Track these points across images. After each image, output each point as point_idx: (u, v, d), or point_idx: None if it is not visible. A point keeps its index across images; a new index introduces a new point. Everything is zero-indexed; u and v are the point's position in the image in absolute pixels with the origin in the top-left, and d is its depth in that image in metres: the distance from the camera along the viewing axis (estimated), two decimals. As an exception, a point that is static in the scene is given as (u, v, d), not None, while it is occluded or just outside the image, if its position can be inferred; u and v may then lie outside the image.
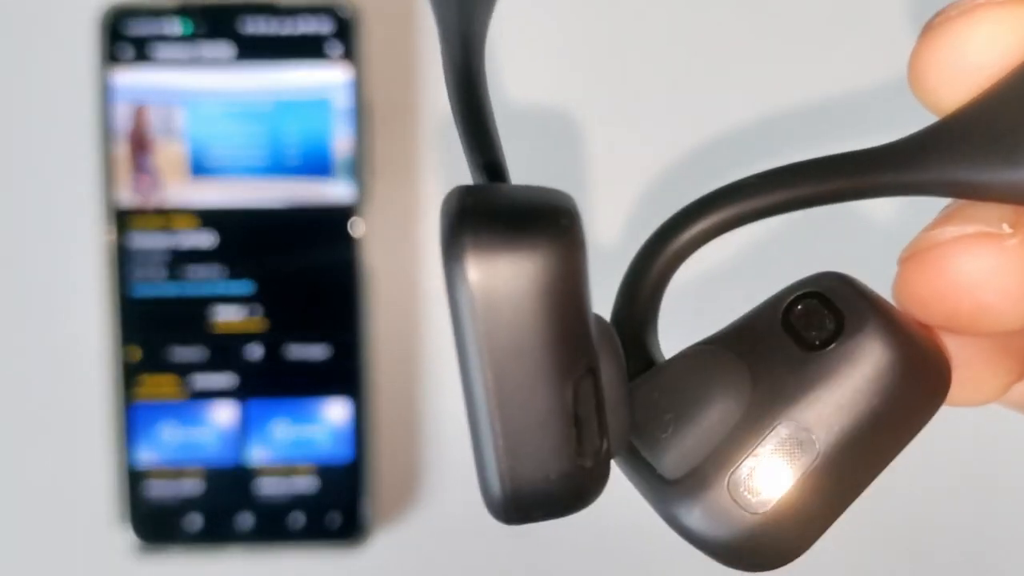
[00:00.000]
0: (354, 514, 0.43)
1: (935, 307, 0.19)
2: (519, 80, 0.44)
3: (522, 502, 0.18)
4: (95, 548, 0.44)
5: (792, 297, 0.20)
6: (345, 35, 0.43)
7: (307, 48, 0.43)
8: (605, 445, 0.18)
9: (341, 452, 0.43)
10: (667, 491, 0.20)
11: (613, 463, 0.20)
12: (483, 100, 0.20)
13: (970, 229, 0.19)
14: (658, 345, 0.21)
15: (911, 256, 0.20)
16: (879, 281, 0.20)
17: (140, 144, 0.42)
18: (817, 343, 0.20)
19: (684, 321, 0.22)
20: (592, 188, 0.44)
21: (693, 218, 0.21)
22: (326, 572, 0.45)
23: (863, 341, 0.19)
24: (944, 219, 0.20)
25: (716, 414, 0.19)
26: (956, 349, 0.20)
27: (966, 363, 0.21)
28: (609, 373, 0.19)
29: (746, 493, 0.19)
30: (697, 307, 0.33)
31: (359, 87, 0.43)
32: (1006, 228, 0.19)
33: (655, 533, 0.22)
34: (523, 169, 0.20)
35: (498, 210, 0.17)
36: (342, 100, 0.43)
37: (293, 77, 0.42)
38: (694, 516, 0.19)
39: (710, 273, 0.42)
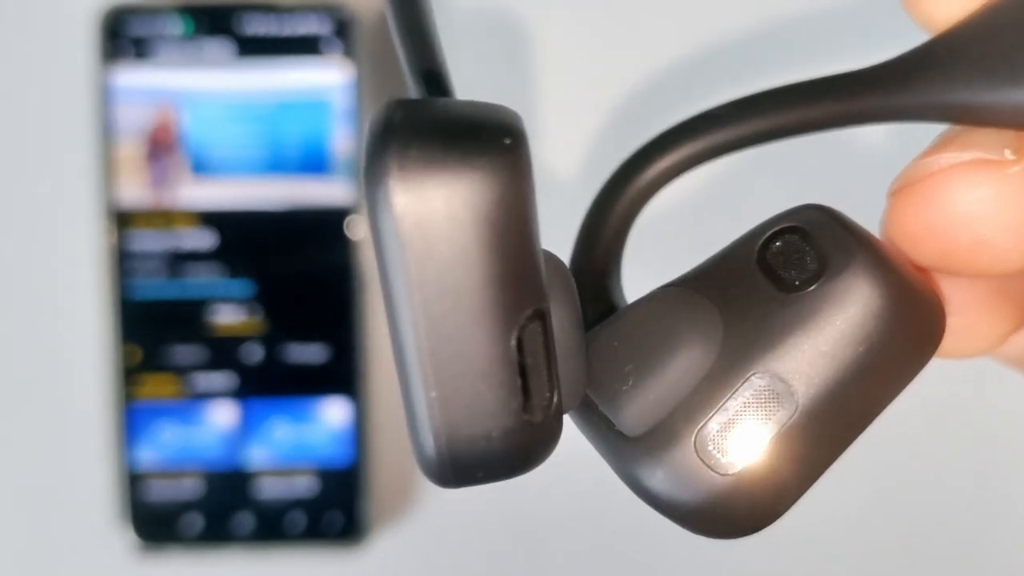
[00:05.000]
0: (354, 515, 0.42)
1: (929, 244, 0.16)
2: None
3: (460, 463, 0.15)
4: (95, 548, 0.43)
5: (769, 233, 0.17)
6: (344, 35, 0.41)
7: (307, 48, 0.41)
8: (556, 398, 0.15)
9: (341, 453, 0.42)
10: (627, 450, 0.16)
11: (568, 419, 0.16)
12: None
13: (968, 156, 0.16)
14: (621, 292, 0.18)
15: (902, 187, 0.17)
16: (868, 216, 0.17)
17: (162, 145, 0.40)
18: (797, 284, 0.17)
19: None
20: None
21: (659, 152, 0.18)
22: (326, 573, 0.43)
23: (848, 281, 0.16)
24: (939, 146, 0.17)
25: (683, 364, 0.16)
26: (951, 293, 0.17)
27: (961, 309, 0.17)
28: (561, 318, 0.16)
29: (715, 452, 0.16)
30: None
31: (359, 87, 0.41)
32: (1008, 154, 0.16)
33: (656, 533, 0.19)
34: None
35: (430, 126, 0.14)
36: (342, 100, 0.41)
37: (293, 77, 0.41)
38: (656, 477, 0.16)
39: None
